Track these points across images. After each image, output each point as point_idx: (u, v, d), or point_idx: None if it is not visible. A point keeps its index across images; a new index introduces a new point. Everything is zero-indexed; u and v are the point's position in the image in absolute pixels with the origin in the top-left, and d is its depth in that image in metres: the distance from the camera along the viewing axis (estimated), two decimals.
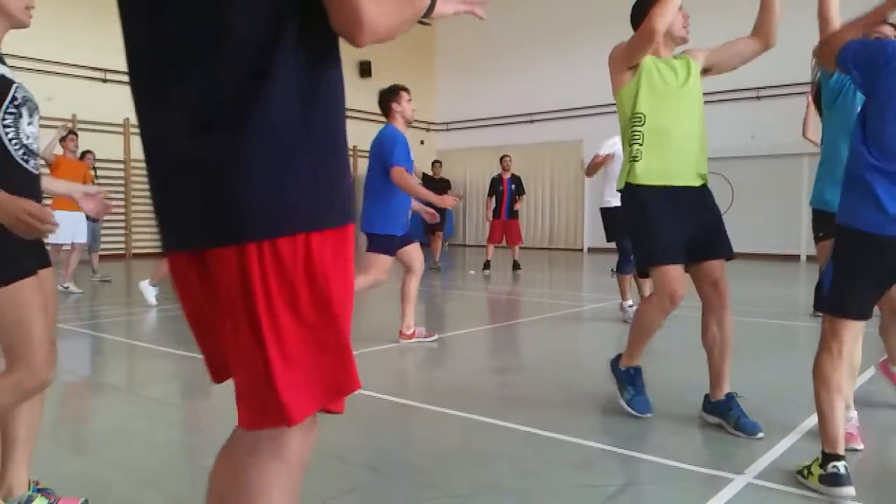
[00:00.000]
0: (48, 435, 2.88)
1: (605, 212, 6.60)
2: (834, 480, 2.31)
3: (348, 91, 1.31)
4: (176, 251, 1.27)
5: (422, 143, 18.05)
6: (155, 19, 1.19)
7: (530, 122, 17.48)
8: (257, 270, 1.13)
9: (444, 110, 18.95)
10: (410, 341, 5.16)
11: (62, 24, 11.22)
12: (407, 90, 5.08)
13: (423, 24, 14.24)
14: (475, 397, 3.69)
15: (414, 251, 5.13)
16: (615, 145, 6.31)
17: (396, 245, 4.99)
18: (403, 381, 4.39)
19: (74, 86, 12.22)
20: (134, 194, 13.24)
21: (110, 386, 4.12)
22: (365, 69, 15.82)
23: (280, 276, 1.14)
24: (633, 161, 3.08)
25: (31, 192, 2.00)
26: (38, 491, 2.18)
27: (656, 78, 3.05)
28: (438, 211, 5.52)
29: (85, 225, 8.33)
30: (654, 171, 3.06)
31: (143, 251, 13.64)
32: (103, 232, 10.39)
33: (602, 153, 6.48)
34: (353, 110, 1.32)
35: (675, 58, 3.17)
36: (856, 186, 2.34)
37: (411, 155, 4.97)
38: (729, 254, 3.16)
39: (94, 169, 9.60)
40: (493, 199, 11.39)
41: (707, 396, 3.17)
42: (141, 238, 13.76)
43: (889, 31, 2.91)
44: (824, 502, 2.31)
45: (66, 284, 7.92)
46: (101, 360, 4.99)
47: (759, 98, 13.67)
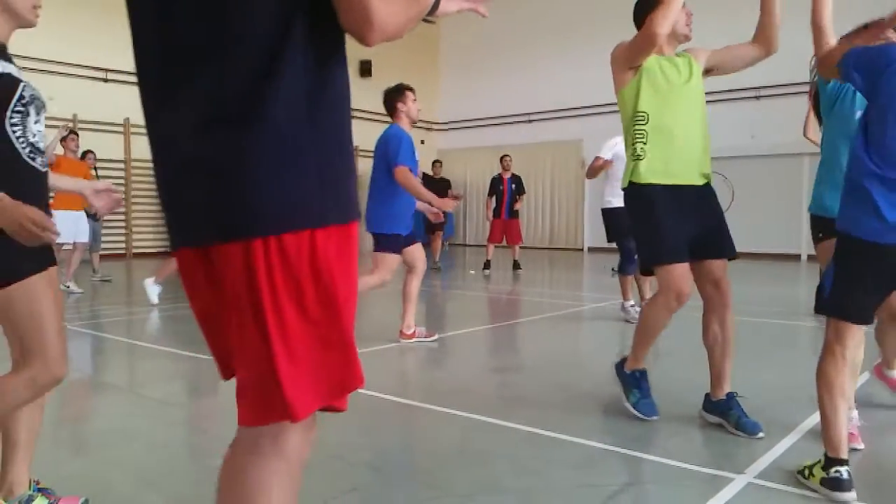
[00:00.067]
0: (49, 435, 2.88)
1: (607, 212, 6.60)
2: (836, 485, 2.31)
3: None
4: (183, 248, 1.28)
5: (422, 142, 18.05)
6: (164, 20, 1.20)
7: (530, 121, 17.48)
8: (263, 266, 1.14)
9: (444, 110, 18.95)
10: (411, 341, 5.16)
11: (63, 24, 11.21)
12: (412, 90, 5.09)
13: (428, 22, 14.23)
14: (475, 397, 3.69)
15: (417, 251, 5.14)
16: (616, 147, 6.30)
17: (402, 244, 5.00)
18: (404, 380, 4.39)
19: (75, 85, 12.21)
20: (134, 194, 13.24)
21: (111, 385, 4.12)
22: (365, 69, 15.82)
23: (285, 271, 1.15)
24: (638, 160, 3.07)
25: (38, 189, 2.02)
26: (39, 490, 2.19)
27: (659, 76, 3.04)
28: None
29: (86, 224, 8.33)
30: (657, 169, 3.04)
31: (144, 251, 13.66)
32: (104, 231, 10.39)
33: (603, 155, 6.47)
34: (353, 110, 1.33)
35: (678, 55, 3.17)
36: (855, 193, 2.33)
37: (416, 155, 4.97)
38: (732, 253, 3.15)
39: (94, 169, 9.60)
40: (494, 198, 11.40)
41: (708, 396, 3.17)
42: (141, 237, 13.78)
43: (893, 36, 2.91)
44: (825, 502, 2.32)
45: (68, 284, 7.93)
46: (102, 359, 4.99)
47: (758, 98, 13.66)
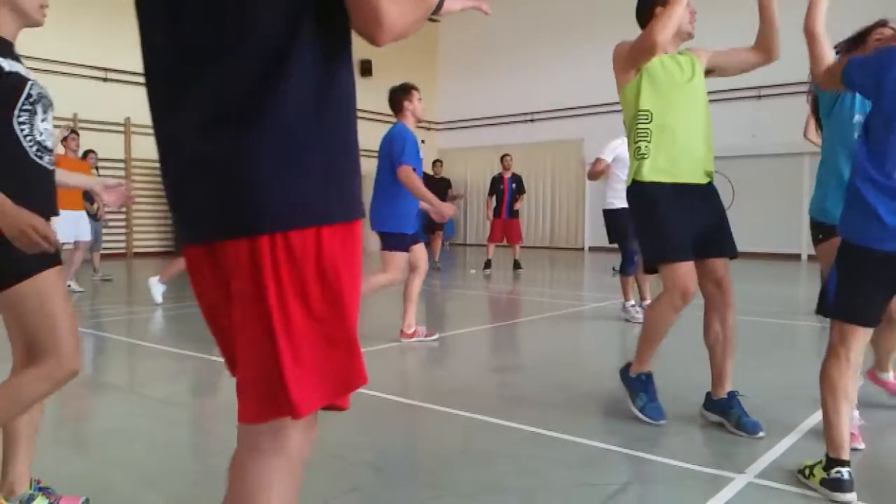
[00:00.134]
0: (49, 434, 2.88)
1: (608, 213, 6.59)
2: (837, 486, 2.31)
3: None
4: (191, 246, 1.29)
5: (423, 142, 18.00)
6: (173, 19, 1.21)
7: (531, 121, 17.48)
8: (269, 263, 1.15)
9: (444, 109, 18.94)
10: (411, 340, 5.16)
11: (63, 24, 11.20)
12: (417, 89, 5.10)
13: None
14: (476, 396, 3.69)
15: (419, 251, 5.14)
16: (617, 149, 6.28)
17: (409, 242, 5.00)
18: (405, 380, 4.39)
19: (75, 85, 12.20)
20: (135, 194, 13.22)
21: (111, 385, 4.12)
22: (366, 68, 15.80)
23: (291, 269, 1.16)
24: (642, 159, 3.05)
25: (46, 187, 2.03)
26: (40, 490, 2.19)
27: (661, 74, 3.03)
28: None
29: (87, 223, 8.34)
30: (661, 167, 3.03)
31: (144, 250, 13.66)
32: (104, 231, 10.39)
33: (605, 157, 6.44)
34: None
35: (680, 53, 3.16)
36: (857, 201, 2.33)
37: (421, 154, 4.97)
38: (733, 253, 3.14)
39: (96, 168, 9.59)
40: (494, 198, 11.40)
41: (709, 394, 3.17)
42: (142, 237, 13.78)
43: (890, 33, 2.92)
44: (825, 502, 2.32)
45: (69, 283, 7.93)
46: (103, 359, 4.99)
47: (759, 97, 13.67)
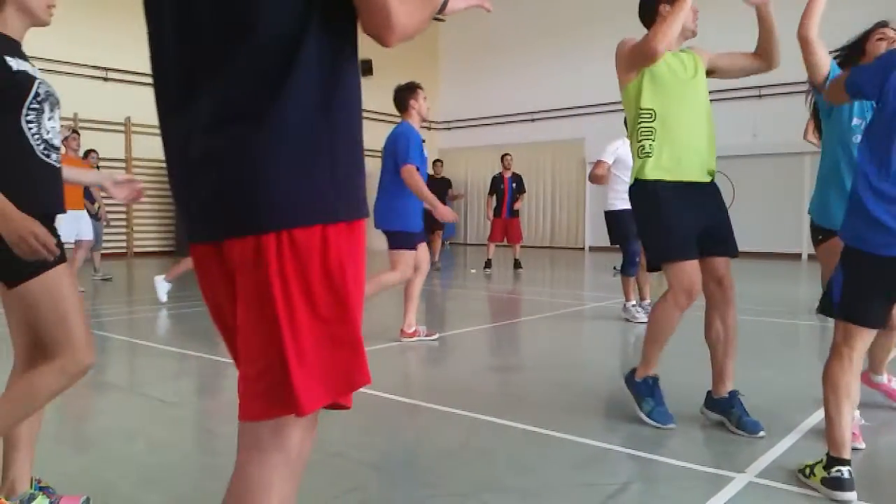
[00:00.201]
0: (50, 433, 2.88)
1: (609, 215, 6.58)
2: (837, 484, 2.31)
3: None
4: (198, 244, 1.29)
5: (423, 141, 18.03)
6: (181, 19, 1.22)
7: (531, 120, 17.47)
8: (275, 261, 1.15)
9: (445, 109, 18.94)
10: (412, 340, 5.16)
11: (64, 23, 11.15)
12: (422, 88, 5.10)
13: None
14: (476, 396, 3.69)
15: (421, 251, 5.15)
16: (618, 150, 6.27)
17: (416, 240, 5.01)
18: (405, 379, 4.39)
19: (76, 85, 12.19)
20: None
21: (112, 384, 4.12)
22: (366, 68, 15.72)
23: (297, 266, 1.16)
24: (646, 157, 3.04)
25: (53, 185, 2.05)
26: (40, 489, 2.19)
27: (665, 72, 3.03)
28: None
29: (88, 222, 8.34)
30: (665, 166, 3.03)
31: (145, 249, 13.66)
32: (104, 230, 10.39)
33: (605, 159, 6.42)
34: None
35: (683, 51, 3.16)
36: (860, 208, 2.33)
37: (425, 153, 4.98)
38: (734, 252, 3.14)
39: (97, 168, 9.60)
40: (494, 197, 11.41)
41: (709, 393, 3.17)
42: (142, 237, 13.78)
43: (892, 34, 2.91)
44: (826, 502, 2.32)
45: None
46: (103, 358, 4.98)
47: (760, 97, 13.66)
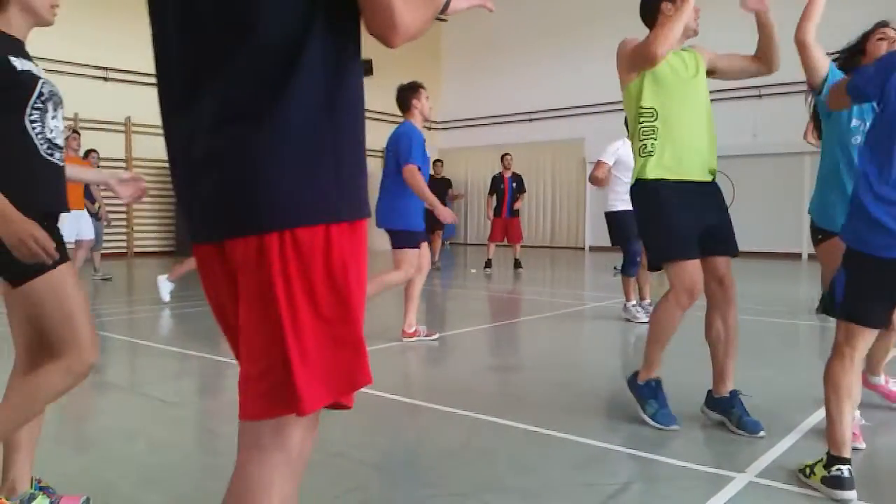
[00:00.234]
0: (50, 433, 2.88)
1: (610, 215, 6.57)
2: (837, 483, 2.31)
3: None
4: (201, 244, 1.30)
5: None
6: (185, 20, 1.22)
7: (531, 120, 17.47)
8: (278, 261, 1.16)
9: (445, 109, 18.93)
10: (412, 340, 5.16)
11: (64, 23, 11.12)
12: (424, 87, 5.10)
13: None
14: (477, 396, 3.69)
15: (422, 251, 5.15)
16: (618, 150, 6.27)
17: (419, 239, 5.01)
18: (405, 379, 4.39)
19: (76, 85, 12.18)
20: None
21: (112, 384, 4.12)
22: (366, 68, 15.75)
23: (300, 266, 1.16)
24: (648, 156, 3.04)
25: (56, 184, 2.05)
26: (40, 489, 2.19)
27: (666, 71, 3.03)
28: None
29: (89, 221, 8.34)
30: (667, 165, 3.02)
31: (145, 249, 13.66)
32: (104, 230, 10.39)
33: (606, 160, 6.42)
34: None
35: (684, 50, 3.16)
36: (861, 212, 2.33)
37: (427, 153, 4.98)
38: (735, 251, 3.14)
39: (98, 168, 9.59)
40: (494, 197, 11.41)
41: (710, 393, 3.17)
42: (142, 236, 13.78)
43: (892, 34, 2.91)
44: (826, 501, 2.32)
45: None
46: (103, 358, 4.98)
47: (760, 97, 13.66)
